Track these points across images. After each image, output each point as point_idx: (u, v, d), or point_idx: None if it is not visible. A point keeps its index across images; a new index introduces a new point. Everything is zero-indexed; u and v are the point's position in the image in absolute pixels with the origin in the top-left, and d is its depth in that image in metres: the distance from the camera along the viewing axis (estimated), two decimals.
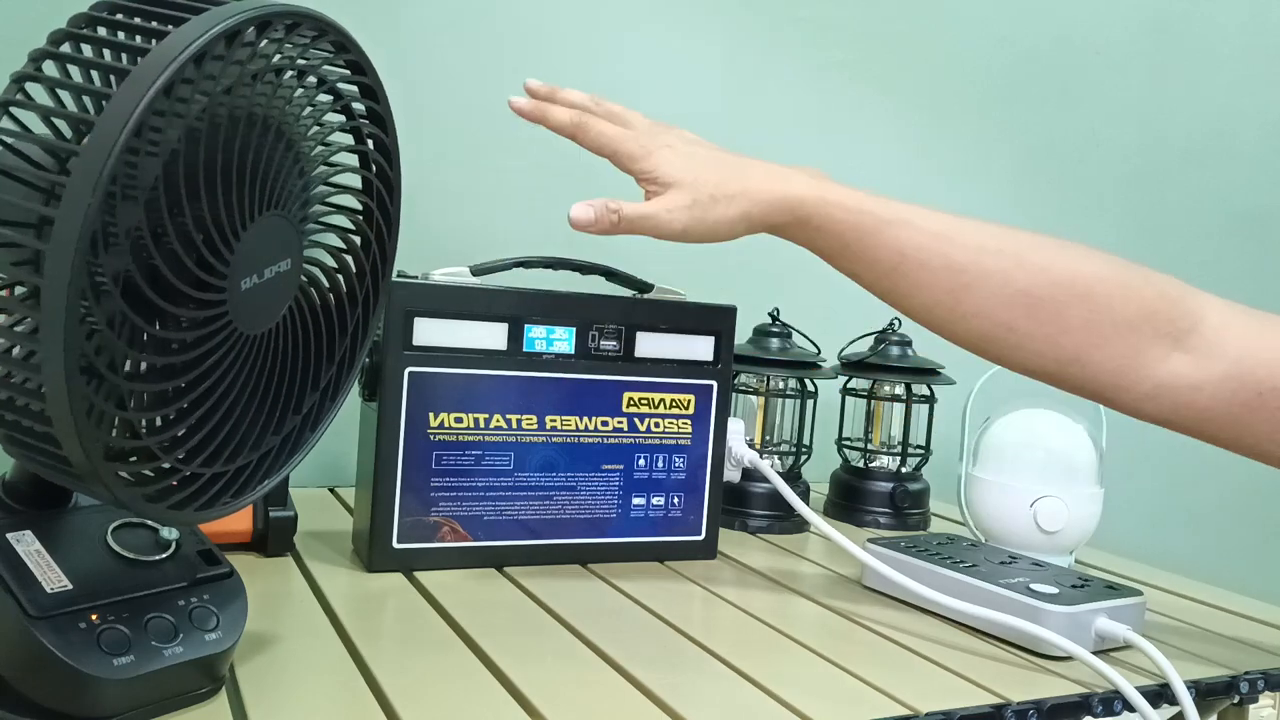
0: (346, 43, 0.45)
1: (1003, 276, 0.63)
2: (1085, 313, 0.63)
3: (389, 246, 0.52)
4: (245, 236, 0.41)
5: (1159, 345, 0.63)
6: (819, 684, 0.57)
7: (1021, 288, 0.63)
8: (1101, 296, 0.63)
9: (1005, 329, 0.64)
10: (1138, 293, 0.63)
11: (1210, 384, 0.62)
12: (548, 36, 1.07)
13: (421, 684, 0.52)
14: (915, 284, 0.65)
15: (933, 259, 0.64)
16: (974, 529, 0.90)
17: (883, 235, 0.64)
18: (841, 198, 0.65)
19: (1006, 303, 0.63)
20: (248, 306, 0.42)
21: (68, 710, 0.44)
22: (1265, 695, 0.67)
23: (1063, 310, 0.63)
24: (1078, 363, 0.64)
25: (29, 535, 0.47)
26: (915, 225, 0.64)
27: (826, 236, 0.65)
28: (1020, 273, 0.63)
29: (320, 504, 0.87)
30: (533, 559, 0.75)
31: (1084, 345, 0.63)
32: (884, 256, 0.65)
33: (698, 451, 0.80)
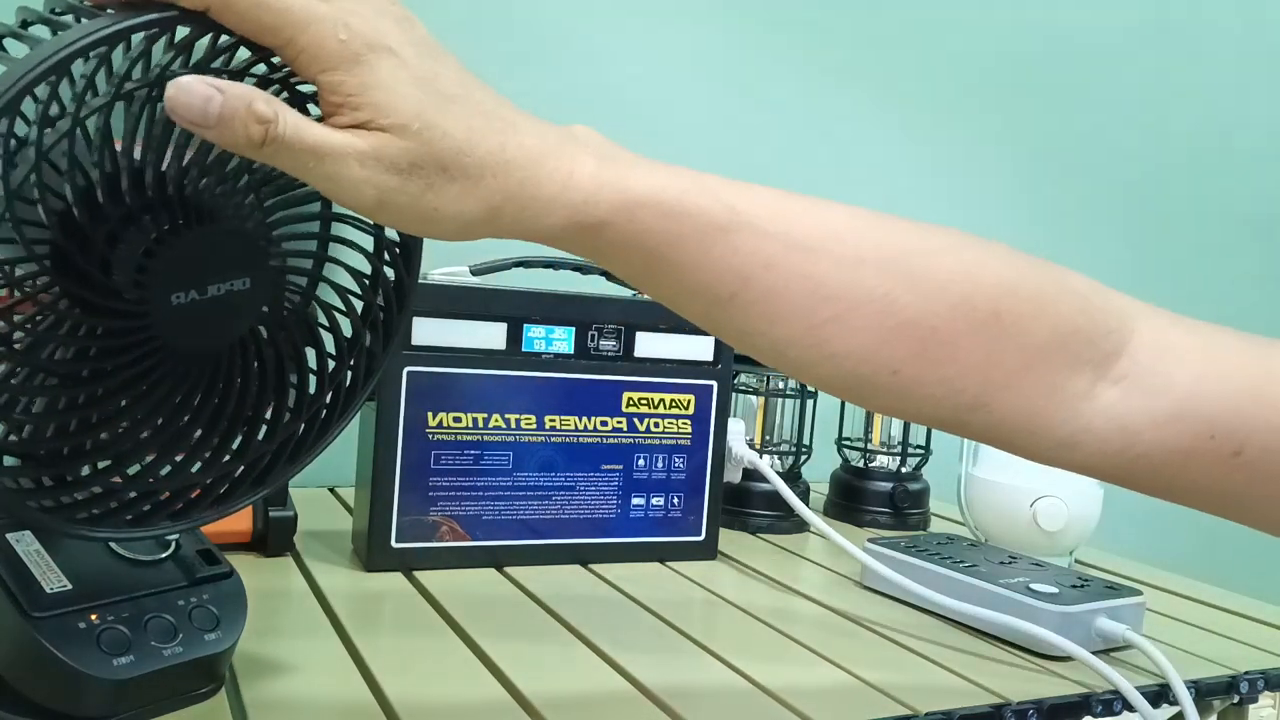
0: None
1: (885, 303, 0.45)
2: (989, 343, 0.46)
3: (402, 289, 0.48)
4: (171, 249, 0.39)
5: (1080, 376, 0.47)
6: (819, 684, 0.57)
7: (909, 317, 0.46)
8: (1009, 319, 0.47)
9: (888, 372, 0.46)
10: (1052, 307, 0.48)
11: (1150, 429, 0.47)
12: (546, 36, 1.07)
13: (421, 683, 0.52)
14: (763, 317, 0.45)
15: (790, 282, 0.45)
16: (974, 529, 0.90)
17: (715, 250, 0.44)
18: (654, 192, 0.43)
19: (889, 338, 0.46)
20: (180, 323, 0.40)
21: (67, 710, 0.44)
22: (1265, 695, 0.67)
23: (961, 343, 0.46)
24: (981, 408, 0.48)
25: (28, 535, 0.47)
26: (765, 232, 0.44)
27: (628, 253, 0.44)
28: (909, 297, 0.45)
29: (320, 504, 0.87)
30: (532, 559, 0.75)
31: (988, 385, 0.47)
32: (717, 280, 0.44)
33: (698, 452, 0.79)
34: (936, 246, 0.48)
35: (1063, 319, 0.47)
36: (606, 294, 0.77)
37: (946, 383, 0.47)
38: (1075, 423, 0.48)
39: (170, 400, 0.42)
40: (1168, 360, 0.48)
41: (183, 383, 0.42)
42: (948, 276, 0.46)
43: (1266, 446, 0.46)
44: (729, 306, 0.45)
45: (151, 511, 0.43)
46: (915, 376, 0.47)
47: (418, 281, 0.49)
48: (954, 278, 0.47)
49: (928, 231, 0.48)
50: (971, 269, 0.47)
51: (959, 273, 0.47)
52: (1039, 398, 0.47)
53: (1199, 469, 0.48)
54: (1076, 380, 0.47)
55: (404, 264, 0.48)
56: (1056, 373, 0.47)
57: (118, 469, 0.42)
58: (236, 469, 0.46)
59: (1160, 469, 0.48)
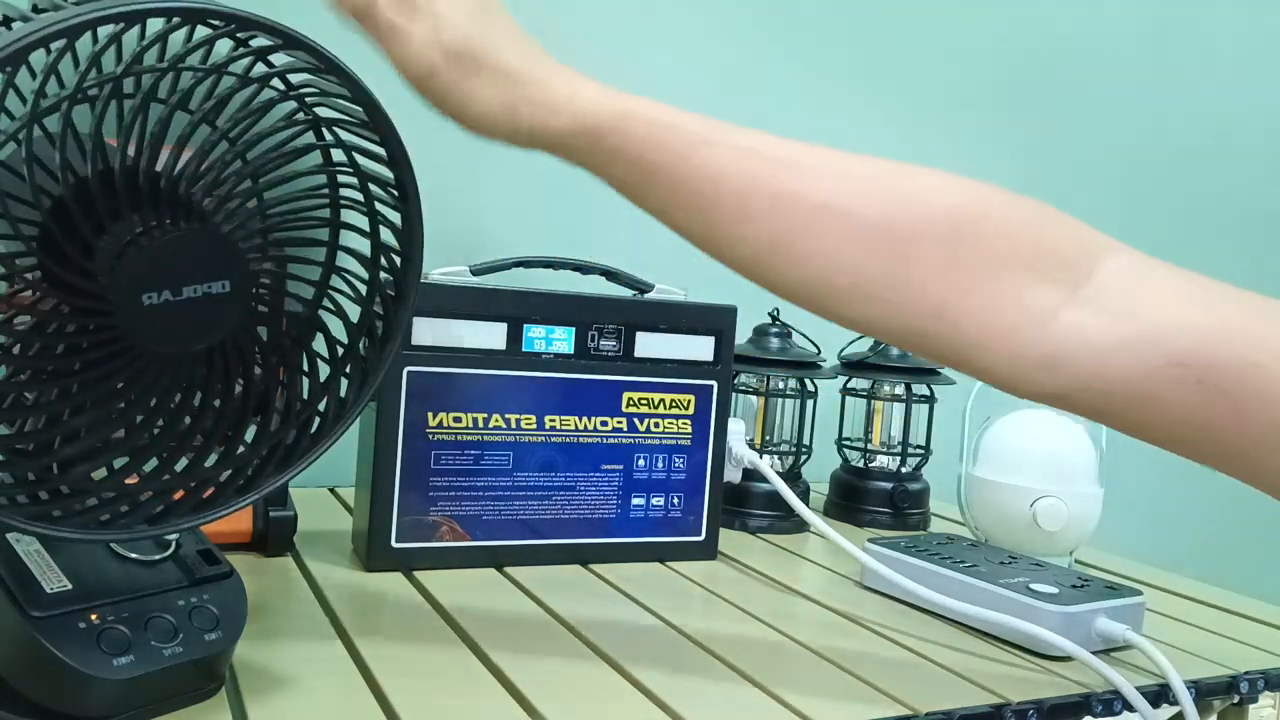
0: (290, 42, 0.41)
1: (849, 209, 0.49)
2: (950, 251, 0.48)
3: (400, 298, 0.48)
4: (142, 250, 0.39)
5: (1047, 293, 0.48)
6: (819, 684, 0.57)
7: (870, 220, 0.48)
8: (972, 231, 0.48)
9: (850, 271, 0.48)
10: (1020, 228, 0.49)
11: (1120, 351, 0.47)
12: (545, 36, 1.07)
13: (421, 683, 0.52)
14: (736, 219, 0.50)
15: (759, 186, 0.49)
16: (974, 529, 0.90)
17: (696, 157, 0.50)
18: (647, 109, 0.51)
19: (854, 236, 0.48)
20: (152, 324, 0.40)
21: (67, 710, 0.44)
22: (1265, 695, 0.67)
23: (927, 247, 0.48)
24: (943, 317, 0.48)
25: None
26: (739, 145, 0.50)
27: (624, 160, 0.51)
28: (871, 204, 0.49)
29: (320, 504, 0.87)
30: (532, 559, 0.75)
31: (950, 290, 0.48)
32: (696, 183, 0.50)
33: (698, 452, 0.79)
34: (908, 171, 0.51)
35: (1030, 238, 0.49)
36: (606, 294, 0.77)
37: (908, 286, 0.48)
38: (1048, 344, 0.48)
39: (146, 400, 0.42)
40: (1136, 288, 0.48)
41: (160, 383, 0.42)
42: (912, 192, 0.49)
43: (1241, 379, 0.45)
44: (708, 211, 0.50)
45: (129, 513, 0.43)
46: (875, 276, 0.48)
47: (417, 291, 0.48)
48: (918, 193, 0.49)
49: (905, 164, 0.51)
50: (939, 189, 0.50)
51: (925, 189, 0.50)
52: (1005, 309, 0.48)
53: (1168, 397, 0.47)
54: (1044, 296, 0.48)
55: (402, 272, 0.48)
56: (1023, 286, 0.48)
57: (92, 467, 0.42)
58: (220, 474, 0.45)
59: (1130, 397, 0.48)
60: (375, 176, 0.46)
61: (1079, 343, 0.47)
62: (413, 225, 0.47)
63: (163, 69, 0.38)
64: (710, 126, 0.51)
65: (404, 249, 0.47)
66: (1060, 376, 0.48)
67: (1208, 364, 0.46)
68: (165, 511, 0.44)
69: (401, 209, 0.47)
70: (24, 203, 0.37)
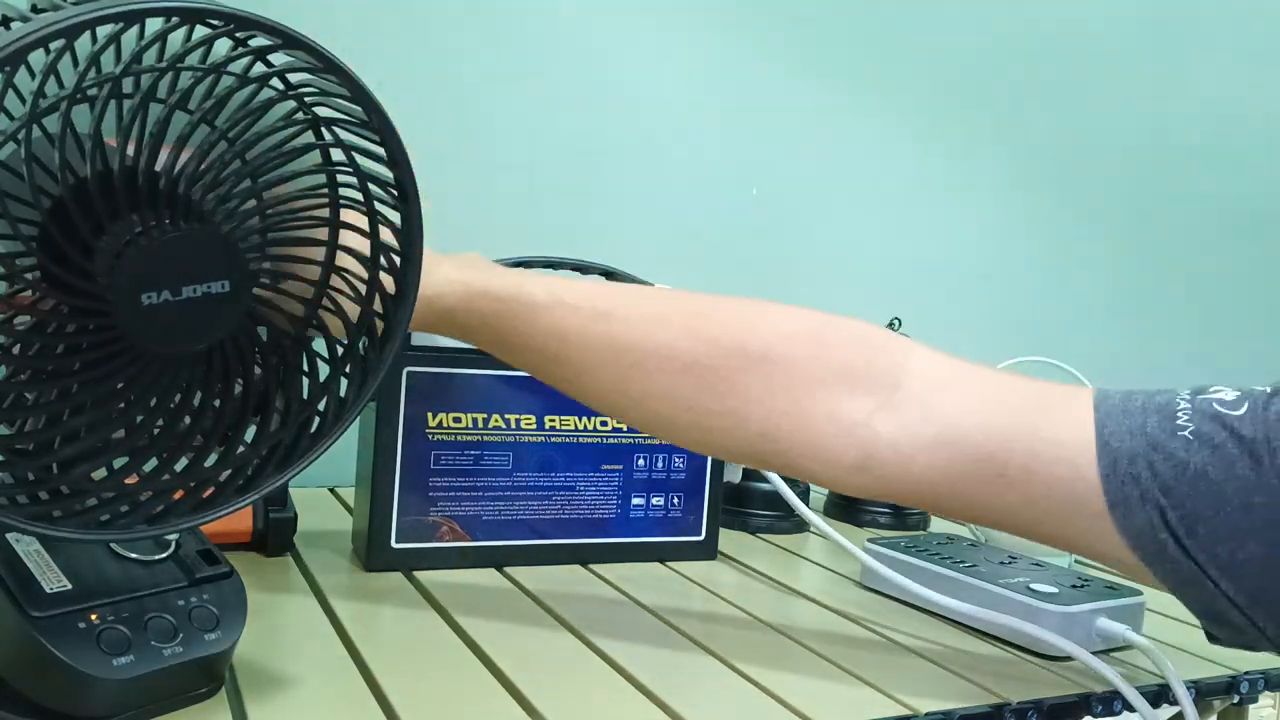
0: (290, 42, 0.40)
1: (669, 349, 0.55)
2: (766, 377, 0.54)
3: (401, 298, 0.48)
4: (139, 249, 0.39)
5: (858, 405, 0.54)
6: (819, 684, 0.57)
7: (691, 361, 0.55)
8: (785, 358, 0.55)
9: (684, 408, 0.56)
10: (828, 349, 0.55)
11: (922, 452, 0.53)
12: (545, 36, 1.07)
13: (421, 683, 0.52)
14: (581, 369, 0.57)
15: (594, 340, 0.56)
16: (974, 529, 0.90)
17: (539, 322, 0.56)
18: (489, 286, 0.57)
19: (677, 378, 0.55)
20: (151, 324, 0.40)
21: (67, 710, 0.44)
22: (1265, 695, 0.67)
23: (740, 378, 0.54)
24: (767, 437, 0.55)
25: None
26: (573, 306, 0.56)
27: (479, 331, 0.58)
28: (688, 343, 0.55)
29: (320, 504, 0.87)
30: (532, 559, 0.74)
31: (771, 414, 0.54)
32: (544, 344, 0.57)
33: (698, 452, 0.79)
34: (718, 308, 0.57)
35: (838, 358, 0.55)
36: None
37: (733, 414, 0.55)
38: (859, 449, 0.54)
39: (146, 400, 0.42)
40: (936, 391, 0.54)
41: (160, 383, 0.42)
42: (721, 329, 0.56)
43: (1027, 467, 0.52)
44: (556, 365, 0.57)
45: (129, 513, 0.43)
46: (706, 409, 0.55)
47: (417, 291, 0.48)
48: (728, 329, 0.56)
49: (715, 298, 0.58)
50: (747, 322, 0.56)
51: (733, 325, 0.56)
52: (820, 425, 0.54)
53: (972, 489, 0.53)
54: (854, 409, 0.54)
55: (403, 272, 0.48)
56: (836, 403, 0.54)
57: (91, 467, 0.41)
58: (220, 474, 0.45)
59: (938, 489, 0.54)
60: (375, 176, 0.46)
61: (887, 447, 0.54)
62: (412, 225, 0.47)
63: (162, 68, 0.38)
64: (550, 291, 0.56)
65: (404, 249, 0.47)
66: (872, 477, 0.54)
67: (1003, 459, 0.52)
68: (165, 511, 0.44)
69: (401, 209, 0.47)
70: (24, 203, 0.37)
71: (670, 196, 1.14)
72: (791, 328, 0.56)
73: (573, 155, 1.10)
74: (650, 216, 1.13)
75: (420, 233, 0.47)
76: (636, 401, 0.57)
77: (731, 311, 0.57)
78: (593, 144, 1.10)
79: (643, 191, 1.13)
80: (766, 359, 0.55)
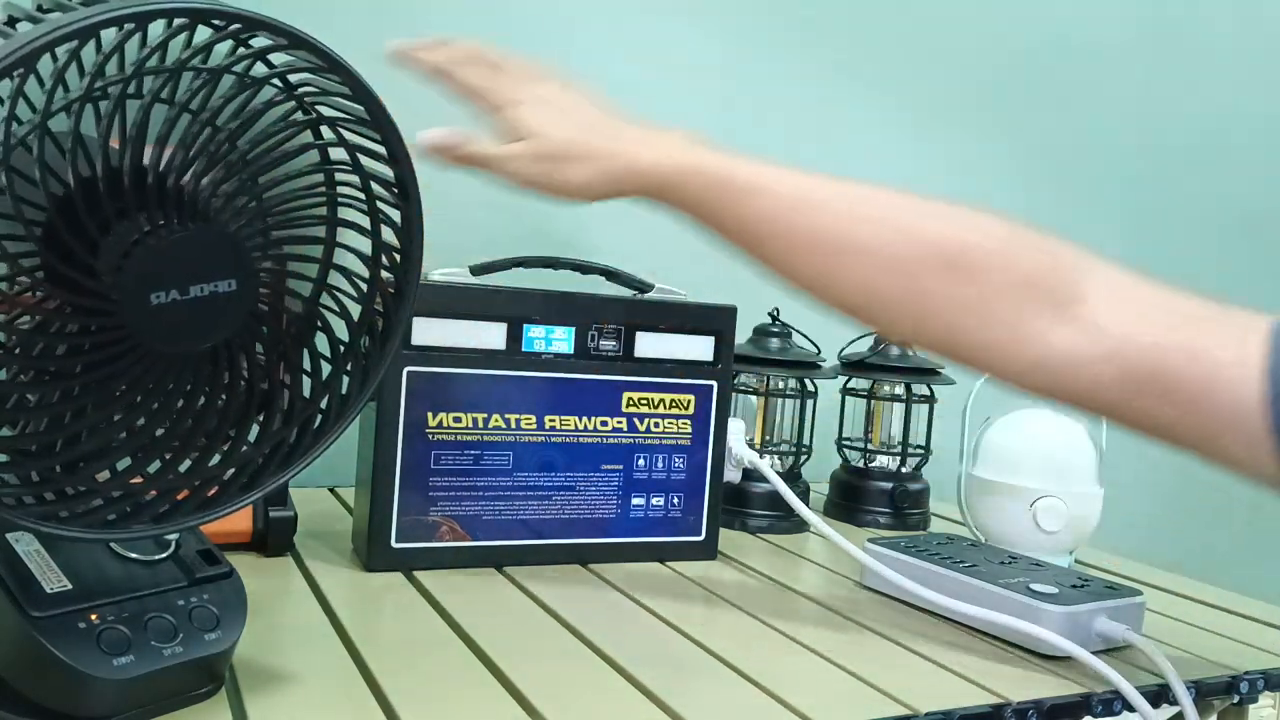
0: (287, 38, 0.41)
1: (873, 244, 0.59)
2: (957, 278, 0.58)
3: (400, 295, 0.48)
4: (149, 250, 0.39)
5: (1040, 317, 0.57)
6: (819, 684, 0.57)
7: (891, 255, 0.59)
8: (978, 265, 0.58)
9: (878, 300, 0.60)
10: (1017, 260, 0.59)
11: (1091, 364, 0.56)
12: (545, 36, 1.07)
13: (421, 683, 0.52)
14: (784, 256, 0.61)
15: (798, 229, 0.60)
16: (974, 529, 0.90)
17: (745, 207, 0.61)
18: (699, 164, 0.62)
19: (877, 272, 0.59)
20: (159, 324, 0.40)
21: (67, 710, 0.44)
22: (1265, 695, 0.67)
23: (933, 276, 0.58)
24: (953, 332, 0.59)
25: (28, 535, 0.47)
26: (777, 194, 0.61)
27: (688, 207, 0.63)
28: (888, 237, 0.59)
29: (320, 504, 0.87)
30: (532, 559, 0.75)
31: (958, 315, 0.58)
32: (749, 228, 0.61)
33: (698, 452, 0.80)
34: (919, 209, 0.60)
35: (1025, 268, 0.58)
36: (606, 294, 0.77)
37: (922, 308, 0.59)
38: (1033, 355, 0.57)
39: (152, 400, 0.42)
40: (1112, 308, 0.56)
41: (165, 383, 0.42)
42: (920, 229, 0.59)
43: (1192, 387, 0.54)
44: (762, 249, 0.62)
45: (135, 512, 0.43)
46: (898, 302, 0.59)
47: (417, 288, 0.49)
48: (926, 229, 0.59)
49: (916, 200, 0.61)
50: (945, 224, 0.60)
51: (931, 226, 0.60)
52: (1001, 329, 0.58)
53: (1136, 402, 0.55)
54: (1036, 320, 0.57)
55: (402, 270, 0.48)
56: (1018, 310, 0.58)
57: (98, 468, 0.42)
58: (224, 472, 0.45)
59: (1102, 399, 0.57)
60: (376, 175, 0.46)
61: (1059, 356, 0.57)
62: (413, 223, 0.47)
63: (170, 69, 0.38)
64: (758, 176, 0.61)
65: (404, 246, 0.47)
66: (1043, 381, 0.58)
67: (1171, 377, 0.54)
68: (170, 510, 0.44)
69: (402, 207, 0.47)
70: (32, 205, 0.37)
71: None
72: (985, 234, 0.60)
73: None
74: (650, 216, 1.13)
75: (421, 230, 0.48)
76: (834, 290, 0.61)
77: (930, 213, 0.60)
78: None
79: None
80: (959, 261, 0.58)
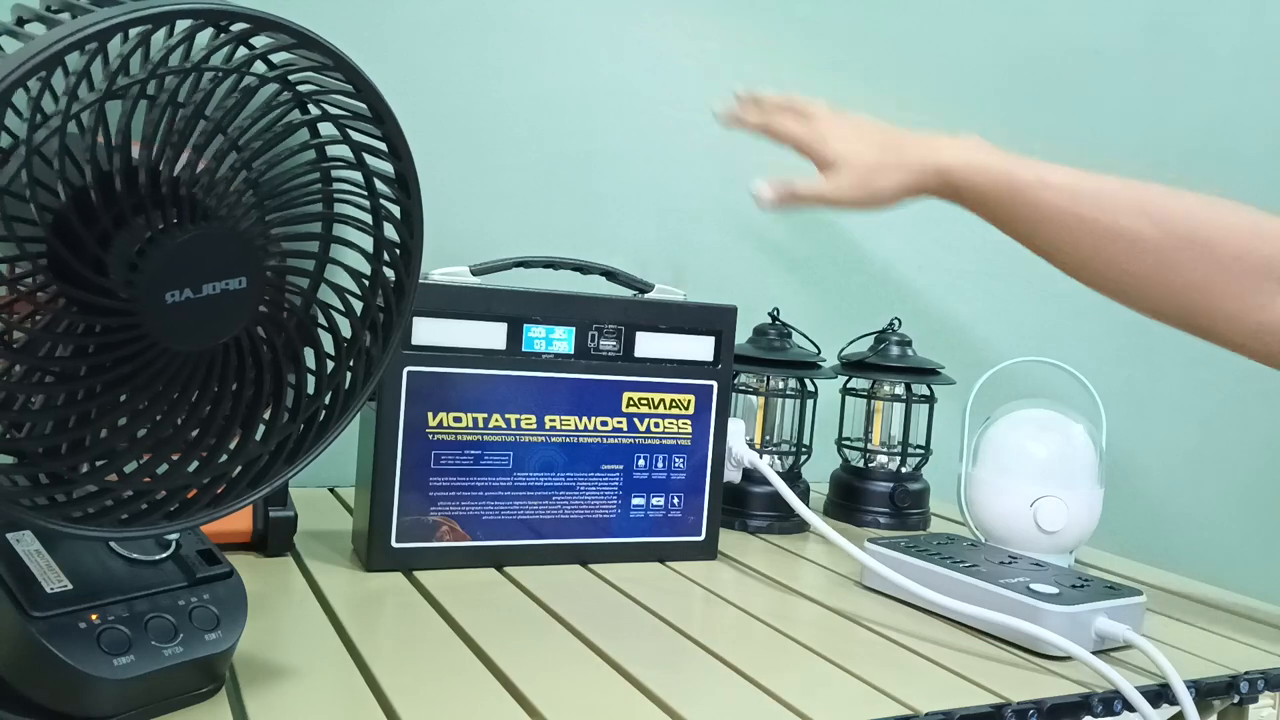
0: (304, 41, 0.41)
1: (1132, 229, 0.71)
2: (1205, 263, 0.70)
3: (401, 290, 0.48)
4: (164, 248, 0.39)
5: (1266, 288, 0.68)
6: (819, 684, 0.57)
7: (1151, 243, 0.71)
8: (1220, 245, 0.70)
9: (1135, 278, 0.72)
10: (1251, 240, 0.69)
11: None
12: (546, 36, 1.07)
13: (421, 683, 0.52)
14: (1056, 241, 0.74)
15: (1069, 219, 0.73)
16: (974, 529, 0.90)
17: (1022, 198, 0.75)
18: (986, 163, 0.76)
19: (1138, 256, 0.71)
20: (174, 322, 0.40)
21: (68, 710, 0.44)
22: (1265, 695, 0.67)
23: (1186, 260, 0.70)
24: (1190, 304, 0.71)
25: (29, 535, 0.47)
26: (1053, 186, 0.74)
27: (974, 201, 0.77)
28: (1151, 229, 0.71)
29: (320, 504, 0.87)
30: (532, 559, 0.75)
31: (1202, 291, 0.70)
32: (1026, 217, 0.75)
33: (698, 452, 0.80)
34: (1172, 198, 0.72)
35: (1258, 246, 0.69)
36: (606, 294, 0.77)
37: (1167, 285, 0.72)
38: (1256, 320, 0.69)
39: (165, 399, 0.42)
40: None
41: (177, 381, 0.42)
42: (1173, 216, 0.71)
43: None
44: (1035, 235, 0.76)
45: (147, 511, 0.43)
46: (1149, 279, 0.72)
47: (418, 282, 0.49)
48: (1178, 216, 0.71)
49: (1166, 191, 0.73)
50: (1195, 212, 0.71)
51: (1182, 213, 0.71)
52: (1235, 300, 0.70)
53: None
54: (1262, 292, 0.69)
55: (403, 265, 0.48)
56: (1249, 283, 0.69)
57: (113, 467, 0.42)
58: (233, 469, 0.45)
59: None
60: (379, 172, 0.46)
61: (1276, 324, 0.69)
62: (413, 217, 0.48)
63: (186, 69, 0.39)
64: (1033, 172, 0.75)
65: (404, 241, 0.48)
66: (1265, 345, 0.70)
67: None
68: (183, 508, 0.44)
69: (403, 201, 0.47)
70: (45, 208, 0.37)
71: (670, 196, 1.14)
72: (1228, 220, 0.70)
73: (572, 155, 1.10)
74: (650, 216, 1.13)
75: (421, 225, 0.48)
76: (1097, 268, 0.74)
77: (1181, 202, 0.72)
78: (592, 144, 1.10)
79: (643, 191, 1.13)
80: (1209, 246, 0.70)
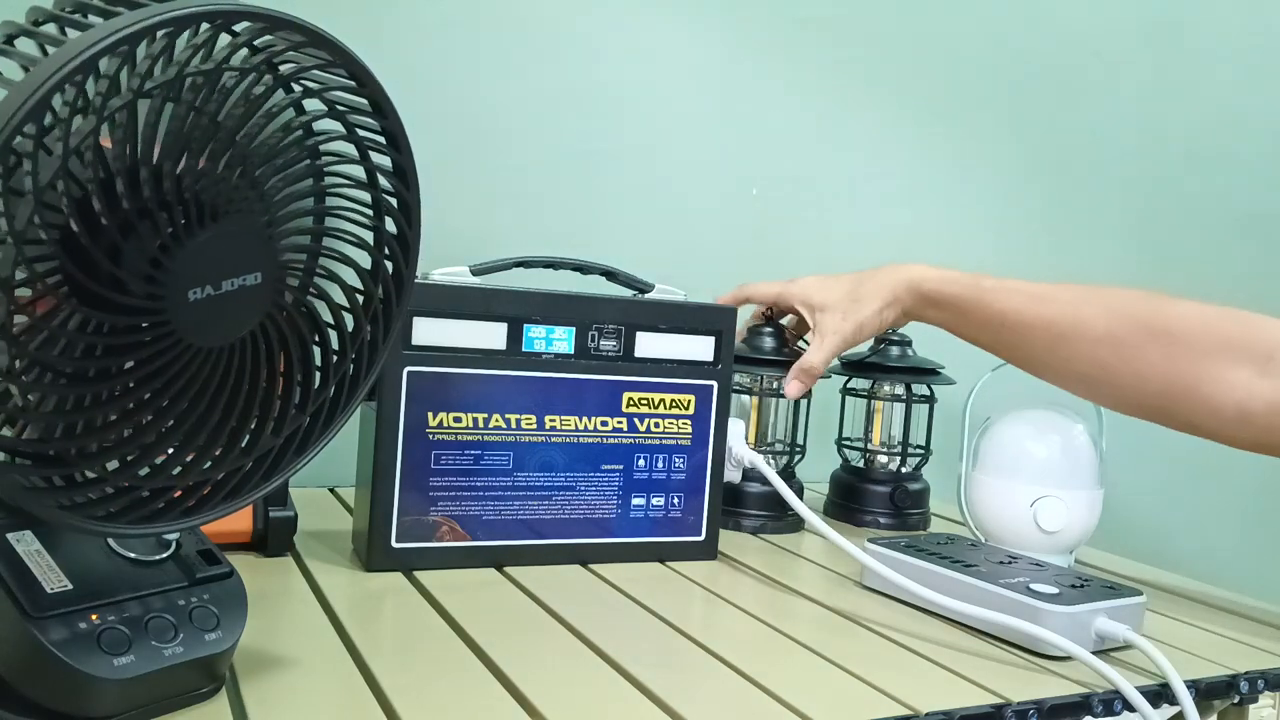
0: (315, 40, 0.42)
1: (1089, 323, 0.74)
2: (1166, 348, 0.70)
3: (401, 281, 0.49)
4: (186, 247, 0.39)
5: (1240, 371, 0.68)
6: (819, 684, 0.57)
7: (1106, 332, 0.73)
8: (1180, 332, 0.70)
9: (1099, 368, 0.74)
10: (1214, 325, 0.69)
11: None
12: (547, 35, 1.07)
13: (421, 683, 0.52)
14: (1019, 339, 0.78)
15: (1030, 316, 0.77)
16: (974, 529, 0.90)
17: (987, 300, 0.80)
18: (951, 274, 0.83)
19: (1095, 347, 0.73)
20: (196, 319, 0.41)
21: (68, 710, 0.44)
22: (1265, 695, 0.67)
23: (1145, 348, 0.71)
24: (1164, 396, 0.71)
25: (29, 535, 0.47)
26: (1013, 290, 0.79)
27: (944, 307, 0.83)
28: (1105, 319, 0.73)
29: (320, 504, 0.87)
30: (532, 559, 0.75)
31: (1169, 378, 0.70)
32: (992, 318, 0.80)
33: (698, 452, 0.80)
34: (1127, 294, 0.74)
35: (1222, 331, 0.69)
36: (606, 294, 0.77)
37: (1138, 376, 0.72)
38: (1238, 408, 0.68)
39: (185, 396, 0.43)
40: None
41: (197, 378, 0.43)
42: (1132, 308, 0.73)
43: None
44: (1000, 333, 0.81)
45: (166, 508, 0.44)
46: (1116, 372, 0.73)
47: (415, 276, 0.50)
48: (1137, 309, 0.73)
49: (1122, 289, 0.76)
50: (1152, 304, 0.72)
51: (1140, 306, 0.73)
52: (1207, 387, 0.68)
53: None
54: (1237, 375, 0.68)
55: (403, 257, 0.48)
56: (1221, 370, 0.68)
57: (134, 466, 0.42)
58: (247, 463, 0.46)
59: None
60: (382, 166, 0.47)
61: (1262, 405, 0.67)
62: (411, 209, 0.48)
63: (209, 70, 0.39)
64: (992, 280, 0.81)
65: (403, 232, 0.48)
66: (1251, 431, 0.68)
67: None
68: (200, 502, 0.45)
69: (402, 193, 0.48)
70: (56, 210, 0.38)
71: (670, 196, 1.14)
72: (1186, 310, 0.71)
73: (573, 155, 1.10)
74: (650, 216, 1.13)
75: (419, 216, 0.49)
76: (1061, 366, 0.76)
77: (1139, 296, 0.74)
78: (593, 144, 1.10)
79: (643, 191, 1.13)
80: (1168, 332, 0.70)
